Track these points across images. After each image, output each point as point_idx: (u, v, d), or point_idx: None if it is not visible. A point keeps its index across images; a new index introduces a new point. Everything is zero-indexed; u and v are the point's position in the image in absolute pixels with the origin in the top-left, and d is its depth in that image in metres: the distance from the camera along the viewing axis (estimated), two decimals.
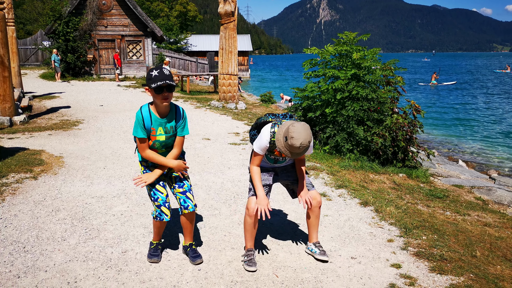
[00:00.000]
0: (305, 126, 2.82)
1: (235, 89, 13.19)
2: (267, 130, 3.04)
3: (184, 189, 3.13)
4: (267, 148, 3.06)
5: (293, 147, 2.80)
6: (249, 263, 3.17)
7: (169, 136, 3.05)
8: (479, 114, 19.84)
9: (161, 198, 3.06)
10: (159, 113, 2.99)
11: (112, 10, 24.23)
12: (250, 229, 3.20)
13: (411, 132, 6.74)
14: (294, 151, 2.83)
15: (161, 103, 2.90)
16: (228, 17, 12.49)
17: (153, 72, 2.85)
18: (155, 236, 3.29)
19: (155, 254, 3.27)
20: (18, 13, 45.35)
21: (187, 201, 3.12)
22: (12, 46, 13.56)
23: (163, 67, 2.89)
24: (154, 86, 2.81)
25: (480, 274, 3.15)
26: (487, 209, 4.90)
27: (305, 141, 2.79)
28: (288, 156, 2.91)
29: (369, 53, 7.47)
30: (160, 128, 3.00)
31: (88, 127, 9.23)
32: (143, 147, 3.01)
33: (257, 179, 3.12)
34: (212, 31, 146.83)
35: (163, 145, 3.07)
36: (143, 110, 2.97)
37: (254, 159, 3.14)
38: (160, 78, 2.82)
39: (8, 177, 5.26)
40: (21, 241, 3.56)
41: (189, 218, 3.20)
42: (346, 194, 4.98)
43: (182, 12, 54.51)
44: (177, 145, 3.10)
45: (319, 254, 3.30)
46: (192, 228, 3.27)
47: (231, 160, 6.51)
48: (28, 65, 30.71)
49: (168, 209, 3.09)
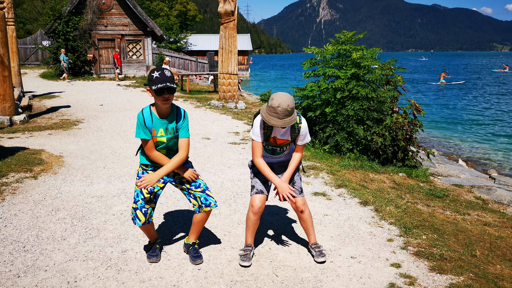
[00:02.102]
0: (285, 93, 2.94)
1: (235, 89, 13.19)
2: (259, 116, 3.12)
3: (203, 188, 3.11)
4: (262, 132, 3.09)
5: (271, 108, 2.88)
6: (244, 258, 3.19)
7: (170, 138, 3.03)
8: (478, 114, 19.84)
9: (141, 202, 3.03)
10: (160, 114, 2.98)
11: (112, 9, 24.23)
12: (252, 226, 3.22)
13: (411, 132, 6.74)
14: (274, 115, 2.88)
15: (162, 104, 2.90)
16: (228, 16, 12.48)
17: (155, 73, 2.85)
18: (149, 238, 3.30)
19: (153, 254, 3.26)
20: (18, 12, 45.34)
21: (208, 199, 3.10)
22: (12, 45, 13.56)
23: (164, 68, 2.89)
24: (155, 88, 2.81)
25: (480, 274, 3.15)
26: (487, 208, 4.90)
27: (284, 103, 2.85)
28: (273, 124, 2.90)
29: (368, 53, 7.47)
30: (161, 130, 2.99)
31: (88, 126, 9.23)
32: (149, 148, 2.99)
33: (266, 169, 3.13)
34: (212, 30, 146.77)
35: (164, 147, 3.06)
36: (144, 110, 2.98)
37: (254, 149, 3.14)
38: (161, 80, 2.81)
39: (8, 176, 5.26)
40: (21, 241, 3.56)
41: (205, 216, 3.17)
42: (346, 194, 4.98)
43: (182, 12, 54.52)
44: (181, 147, 3.05)
45: (316, 256, 3.30)
46: (201, 228, 3.25)
47: (231, 159, 6.51)
48: (28, 65, 30.71)
49: (144, 215, 3.04)
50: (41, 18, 37.68)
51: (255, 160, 3.16)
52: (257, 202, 3.15)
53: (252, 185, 3.26)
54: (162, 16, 49.65)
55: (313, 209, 4.46)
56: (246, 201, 4.63)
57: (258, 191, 3.20)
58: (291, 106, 2.89)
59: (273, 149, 3.25)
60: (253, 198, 3.18)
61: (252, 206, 3.16)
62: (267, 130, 3.11)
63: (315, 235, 3.39)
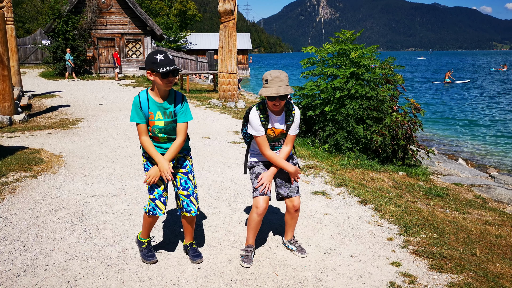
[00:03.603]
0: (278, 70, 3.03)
1: (235, 88, 13.18)
2: (253, 110, 3.14)
3: (189, 193, 3.09)
4: (261, 125, 3.11)
5: (265, 81, 2.99)
6: (245, 260, 3.21)
7: (168, 121, 2.98)
8: (478, 113, 19.83)
9: (157, 192, 3.01)
10: (158, 97, 2.94)
11: (112, 8, 24.19)
12: (255, 226, 3.23)
13: (410, 130, 6.73)
14: (270, 85, 2.96)
15: (166, 87, 2.87)
16: (227, 15, 12.47)
17: (158, 56, 2.81)
18: (144, 232, 3.22)
19: (149, 254, 3.21)
20: (17, 11, 45.30)
21: (190, 205, 3.09)
22: (12, 44, 13.55)
23: (163, 50, 2.86)
24: (164, 71, 2.78)
25: (480, 272, 3.15)
26: (486, 207, 4.90)
27: (274, 72, 2.98)
28: (272, 94, 2.95)
29: (367, 51, 7.46)
30: (158, 113, 2.94)
31: (87, 126, 9.23)
32: (141, 132, 2.96)
33: (278, 159, 3.17)
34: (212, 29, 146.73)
35: (162, 132, 3.00)
36: (140, 94, 2.94)
37: (260, 144, 3.14)
38: (167, 63, 2.80)
39: (8, 176, 5.25)
40: (21, 240, 3.56)
41: (190, 220, 3.20)
42: (346, 193, 4.98)
43: (181, 11, 54.43)
44: (179, 132, 3.01)
45: (298, 251, 3.39)
46: (192, 229, 3.27)
47: (231, 158, 6.51)
48: (28, 64, 30.69)
49: (164, 204, 3.04)
50: (41, 17, 37.65)
51: (265, 153, 3.15)
52: (262, 203, 3.15)
53: (255, 185, 3.25)
54: (162, 15, 49.60)
55: (313, 208, 4.47)
56: (246, 200, 4.63)
57: (262, 193, 3.20)
58: (283, 73, 2.99)
59: (271, 144, 3.25)
60: (258, 200, 3.18)
61: (256, 207, 3.16)
62: (264, 121, 3.11)
63: (293, 232, 3.50)
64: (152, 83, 2.92)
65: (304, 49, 8.02)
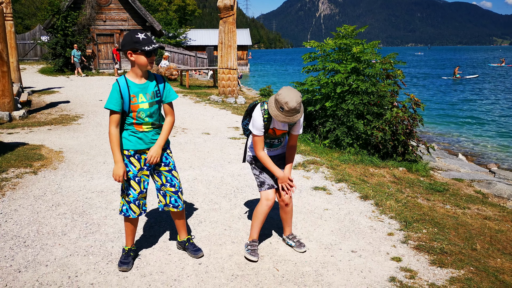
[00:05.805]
0: (292, 89, 2.96)
1: (235, 84, 13.15)
2: (257, 109, 3.11)
3: (176, 189, 3.09)
4: (263, 126, 3.09)
5: (279, 103, 2.90)
6: (252, 253, 3.21)
7: (152, 102, 2.89)
8: (478, 108, 19.82)
9: (133, 195, 2.97)
10: (137, 79, 2.86)
11: (111, 4, 24.12)
12: (263, 219, 3.26)
13: (411, 126, 6.73)
14: (282, 111, 2.91)
15: (148, 67, 2.81)
16: (227, 11, 12.43)
17: (139, 35, 2.75)
18: (128, 240, 3.14)
19: (125, 261, 3.06)
20: (16, 7, 45.12)
21: (178, 201, 3.11)
22: (11, 40, 13.50)
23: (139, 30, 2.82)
24: (149, 49, 2.73)
25: (480, 267, 3.15)
26: (487, 202, 4.90)
27: (291, 101, 2.87)
28: (281, 121, 2.94)
29: (368, 46, 7.44)
30: (141, 95, 2.85)
31: (87, 122, 9.22)
32: (113, 121, 2.80)
33: (269, 162, 3.17)
34: (211, 25, 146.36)
35: (147, 114, 2.88)
36: (119, 79, 2.84)
37: (256, 143, 3.15)
38: (150, 41, 2.76)
39: (8, 172, 5.25)
40: (22, 236, 3.56)
41: (179, 215, 3.20)
42: (346, 188, 4.98)
43: (181, 6, 54.29)
44: (168, 112, 2.99)
45: (296, 247, 3.40)
46: (184, 223, 3.27)
47: (231, 154, 6.50)
48: (27, 60, 30.63)
49: (138, 207, 3.00)
50: (40, 13, 37.47)
51: (258, 153, 3.16)
52: (272, 195, 3.21)
53: (261, 181, 3.26)
54: (161, 11, 49.46)
55: (313, 203, 4.47)
56: (246, 196, 4.63)
57: (270, 186, 3.24)
58: (299, 102, 2.91)
59: (271, 141, 3.26)
60: (267, 193, 3.21)
61: (267, 200, 3.21)
62: (266, 122, 3.10)
63: (291, 226, 3.50)
64: (132, 64, 2.83)
65: (305, 44, 7.99)
